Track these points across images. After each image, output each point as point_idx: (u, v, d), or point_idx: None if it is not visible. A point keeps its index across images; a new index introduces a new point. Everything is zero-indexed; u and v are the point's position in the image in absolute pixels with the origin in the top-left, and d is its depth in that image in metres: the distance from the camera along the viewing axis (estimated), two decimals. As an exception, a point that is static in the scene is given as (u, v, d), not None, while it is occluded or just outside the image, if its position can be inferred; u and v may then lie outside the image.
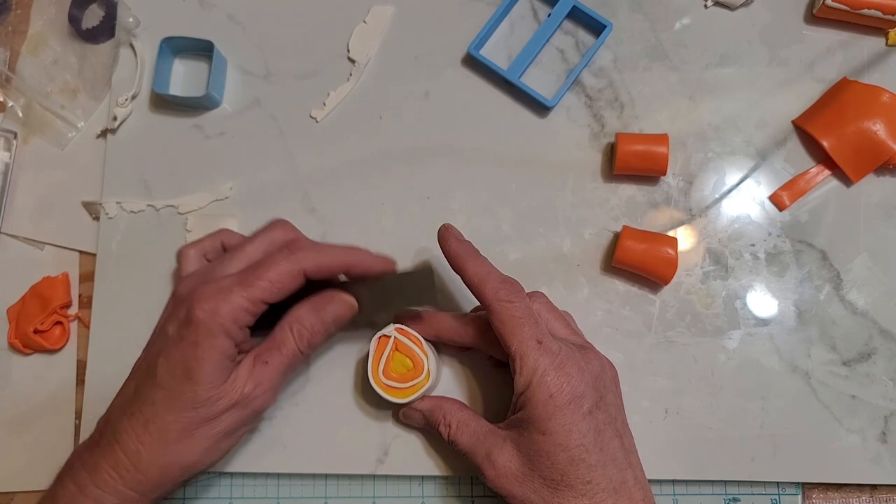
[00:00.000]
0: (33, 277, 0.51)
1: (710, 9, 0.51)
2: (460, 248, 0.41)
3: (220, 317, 0.37)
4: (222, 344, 0.38)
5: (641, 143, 0.46)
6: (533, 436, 0.37)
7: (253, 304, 0.38)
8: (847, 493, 0.46)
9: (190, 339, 0.37)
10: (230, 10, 0.53)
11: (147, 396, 0.38)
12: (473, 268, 0.40)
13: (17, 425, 0.49)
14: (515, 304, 0.39)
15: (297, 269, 0.39)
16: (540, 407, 0.37)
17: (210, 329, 0.37)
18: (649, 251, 0.45)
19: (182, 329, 0.38)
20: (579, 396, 0.37)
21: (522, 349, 0.38)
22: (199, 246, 0.44)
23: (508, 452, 0.38)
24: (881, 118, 0.46)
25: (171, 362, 0.38)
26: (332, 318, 0.42)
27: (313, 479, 0.47)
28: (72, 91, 0.53)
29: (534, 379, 0.37)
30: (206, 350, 0.37)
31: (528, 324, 0.38)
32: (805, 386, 0.46)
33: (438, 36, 0.51)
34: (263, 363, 0.40)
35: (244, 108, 0.51)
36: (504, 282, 0.40)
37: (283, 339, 0.40)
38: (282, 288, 0.39)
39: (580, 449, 0.37)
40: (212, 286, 0.38)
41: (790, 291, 0.47)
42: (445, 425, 0.41)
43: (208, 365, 0.37)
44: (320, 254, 0.40)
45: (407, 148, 0.50)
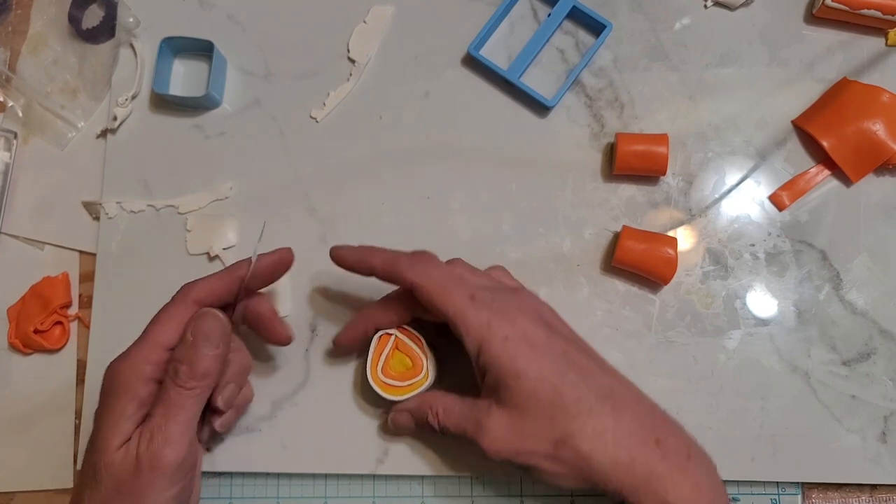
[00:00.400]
0: (33, 277, 0.51)
1: (710, 9, 0.51)
2: (355, 253, 0.42)
3: (120, 376, 0.38)
4: (122, 404, 0.37)
5: (641, 143, 0.46)
6: (509, 386, 0.37)
7: (151, 353, 0.38)
8: (847, 493, 0.46)
9: (100, 405, 0.38)
10: (230, 10, 0.53)
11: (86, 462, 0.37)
12: (380, 258, 0.41)
13: (17, 425, 0.49)
14: (433, 273, 0.39)
15: (186, 303, 0.39)
16: (501, 356, 0.37)
17: (114, 391, 0.37)
18: (649, 251, 0.45)
19: (100, 398, 0.38)
20: (531, 332, 0.38)
21: (459, 310, 0.38)
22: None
23: (496, 414, 0.38)
24: (881, 118, 0.46)
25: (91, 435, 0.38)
26: (200, 336, 0.38)
27: (313, 479, 0.47)
28: (72, 91, 0.53)
29: (483, 334, 0.37)
30: (105, 412, 0.37)
31: (454, 285, 0.39)
32: (805, 386, 0.46)
33: (438, 36, 0.51)
34: (150, 416, 0.37)
35: (244, 108, 0.51)
36: (414, 255, 0.40)
37: (164, 383, 0.37)
38: (175, 326, 0.38)
39: (555, 374, 0.37)
40: (117, 357, 0.39)
41: (790, 291, 0.47)
42: (433, 415, 0.41)
43: (107, 427, 0.37)
44: (206, 280, 0.40)
45: (407, 148, 0.50)
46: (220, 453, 0.46)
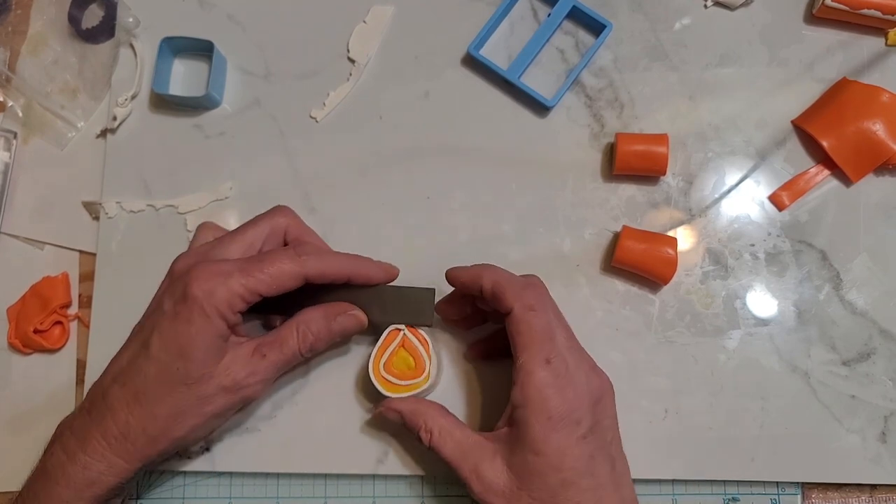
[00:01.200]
0: (33, 277, 0.51)
1: (710, 9, 0.51)
2: (471, 271, 0.41)
3: (216, 298, 0.37)
4: (216, 324, 0.38)
5: (641, 143, 0.46)
6: (526, 455, 0.37)
7: (249, 294, 0.38)
8: (847, 493, 0.46)
9: (184, 315, 0.38)
10: (230, 10, 0.53)
11: (140, 368, 0.38)
12: (490, 278, 0.40)
13: (17, 425, 0.49)
14: (537, 314, 0.38)
15: (300, 272, 0.39)
16: (537, 427, 0.37)
17: (204, 309, 0.37)
18: (649, 251, 0.45)
19: (178, 305, 0.38)
20: (576, 421, 0.37)
21: (530, 365, 0.37)
22: (221, 230, 0.45)
23: (498, 468, 0.38)
24: (881, 118, 0.46)
25: (164, 337, 0.38)
26: (340, 329, 0.42)
27: (313, 479, 0.47)
28: (72, 91, 0.53)
29: (536, 398, 0.37)
30: (199, 328, 0.38)
31: (543, 339, 0.38)
32: (805, 386, 0.46)
33: (438, 36, 0.51)
34: (262, 356, 0.40)
35: (244, 108, 0.51)
36: (527, 287, 0.39)
37: (287, 338, 0.41)
38: (280, 285, 0.39)
39: (572, 472, 0.36)
40: (212, 267, 0.38)
41: (790, 291, 0.47)
42: (426, 431, 0.40)
43: (201, 343, 0.38)
44: (324, 262, 0.40)
45: (407, 148, 0.50)
46: (220, 453, 0.46)
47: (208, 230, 0.44)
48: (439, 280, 0.46)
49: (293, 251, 0.40)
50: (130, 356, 0.39)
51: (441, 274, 0.47)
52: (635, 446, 0.45)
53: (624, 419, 0.46)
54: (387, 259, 0.48)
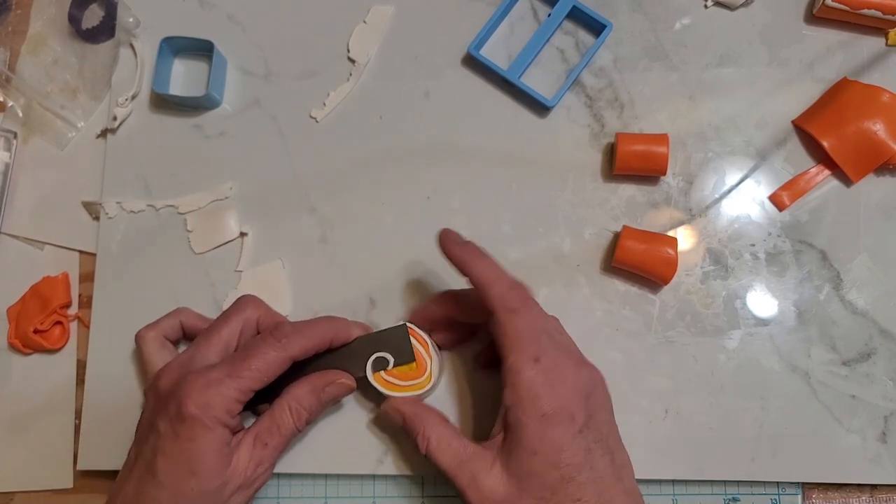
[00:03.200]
0: (33, 277, 0.51)
1: (710, 9, 0.51)
2: (463, 252, 0.41)
3: (214, 410, 0.38)
4: (219, 435, 0.38)
5: (641, 143, 0.46)
6: (523, 456, 0.37)
7: (243, 394, 0.39)
8: (847, 493, 0.46)
9: (186, 434, 0.37)
10: (230, 10, 0.53)
11: (151, 497, 0.38)
12: (479, 271, 0.40)
13: (17, 425, 0.49)
14: (520, 315, 0.38)
15: (285, 357, 0.40)
16: (531, 426, 0.37)
17: (205, 423, 0.37)
18: (649, 251, 0.45)
19: (176, 425, 0.38)
20: (570, 416, 0.37)
21: (518, 364, 0.37)
22: (157, 327, 0.45)
23: (496, 476, 0.38)
24: (881, 118, 0.46)
25: (170, 460, 0.38)
26: (329, 398, 0.43)
27: (313, 479, 0.47)
28: (72, 91, 0.53)
29: (526, 397, 0.37)
30: (204, 444, 0.38)
31: (528, 339, 0.38)
32: (805, 386, 0.46)
33: (438, 36, 0.51)
34: (263, 445, 0.40)
35: (244, 108, 0.51)
36: (512, 288, 0.39)
37: (282, 420, 0.41)
38: (270, 375, 0.40)
39: (570, 468, 0.36)
40: (200, 379, 0.38)
41: (790, 291, 0.47)
42: (424, 437, 0.40)
43: (210, 457, 0.38)
44: (305, 338, 0.41)
45: (407, 148, 0.50)
46: (220, 453, 0.46)
47: (250, 304, 0.44)
48: (440, 279, 0.47)
49: (272, 338, 0.40)
50: (136, 487, 0.38)
51: (441, 274, 0.47)
52: (635, 446, 0.45)
53: (624, 419, 0.46)
54: (387, 259, 0.48)
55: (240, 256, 0.49)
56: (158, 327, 0.45)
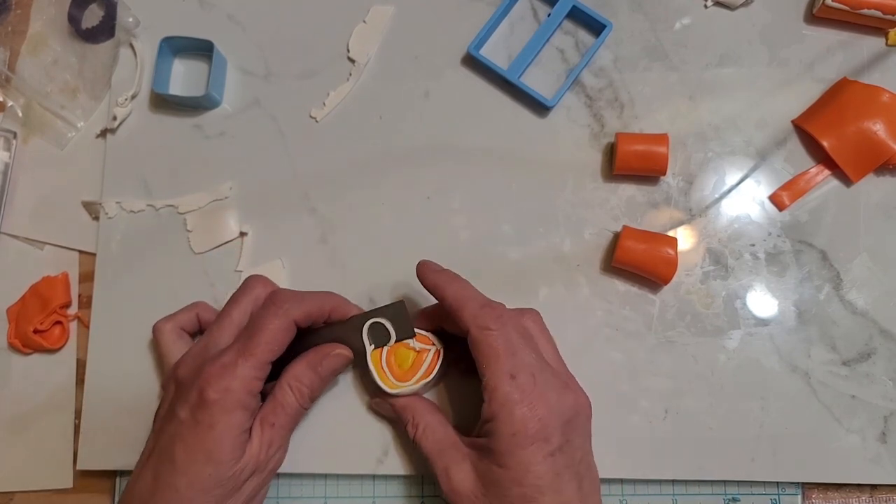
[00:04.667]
0: (33, 277, 0.51)
1: (710, 9, 0.51)
2: (438, 278, 0.41)
3: (234, 393, 0.38)
4: (239, 419, 0.38)
5: (641, 143, 0.46)
6: (491, 465, 0.37)
7: (259, 371, 0.39)
8: (847, 493, 0.46)
9: (206, 421, 0.38)
10: (230, 10, 0.53)
11: (170, 484, 0.38)
12: (452, 293, 0.40)
13: (17, 425, 0.49)
14: (494, 333, 0.38)
15: (288, 322, 0.40)
16: (502, 441, 0.37)
17: (225, 407, 0.38)
18: (649, 251, 0.45)
19: (196, 412, 0.38)
20: (544, 439, 0.37)
21: (494, 381, 0.38)
22: (175, 320, 0.45)
23: (465, 472, 0.39)
24: (881, 118, 0.46)
25: (189, 447, 0.38)
26: (328, 372, 0.43)
27: (313, 479, 0.47)
28: (72, 91, 0.53)
29: (500, 413, 0.37)
30: (224, 429, 0.38)
31: (504, 355, 0.38)
32: (805, 386, 0.46)
33: (438, 36, 0.51)
34: (270, 425, 0.41)
35: (244, 108, 0.51)
36: (484, 307, 0.39)
37: (285, 399, 0.41)
38: (280, 345, 0.40)
39: (533, 488, 0.36)
40: (216, 365, 0.39)
41: (790, 291, 0.47)
42: (413, 426, 0.42)
43: (228, 443, 0.38)
44: (304, 302, 0.41)
45: (407, 148, 0.50)
46: (220, 453, 0.46)
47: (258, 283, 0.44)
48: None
49: (273, 306, 0.40)
50: (154, 474, 0.39)
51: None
52: (635, 446, 0.45)
53: (624, 419, 0.46)
54: (387, 259, 0.48)
55: (240, 256, 0.49)
56: (176, 319, 0.45)
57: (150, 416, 0.47)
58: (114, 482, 0.48)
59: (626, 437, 0.46)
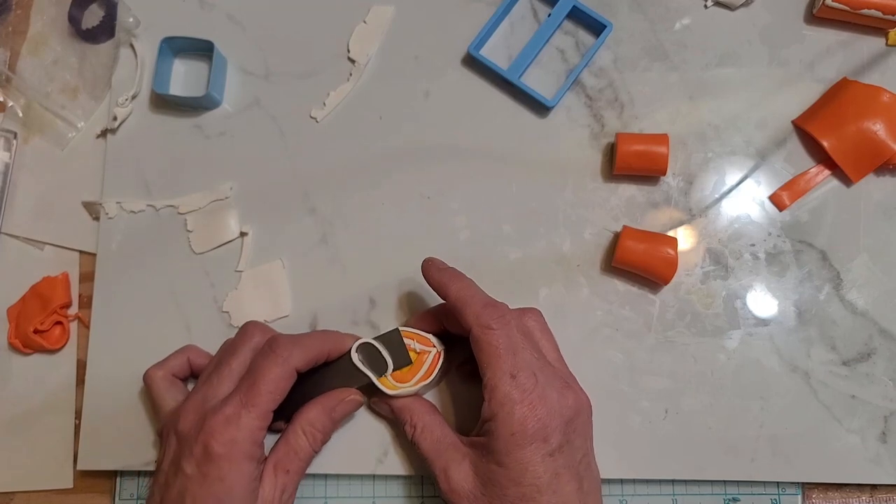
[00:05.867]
0: (33, 277, 0.51)
1: (710, 9, 0.51)
2: (442, 276, 0.41)
3: (240, 444, 0.38)
4: (247, 470, 0.38)
5: (641, 143, 0.46)
6: (490, 465, 0.38)
7: (263, 419, 0.39)
8: (847, 493, 0.46)
9: (214, 475, 0.37)
10: (230, 10, 0.53)
11: None
12: (455, 291, 0.40)
13: (17, 425, 0.49)
14: (496, 332, 0.38)
15: (290, 370, 0.40)
16: (501, 441, 0.37)
17: (233, 460, 0.38)
18: (649, 251, 0.45)
19: (202, 466, 0.38)
20: (543, 438, 0.37)
21: (495, 380, 0.38)
22: (166, 366, 0.45)
23: (465, 472, 0.39)
24: (881, 118, 0.46)
25: (199, 501, 0.38)
26: (341, 416, 0.43)
27: (313, 479, 0.47)
28: (72, 91, 0.53)
29: (500, 412, 0.37)
30: (233, 481, 0.38)
31: (505, 355, 0.38)
32: (805, 386, 0.46)
33: (438, 36, 0.51)
34: (285, 472, 0.41)
35: (244, 108, 0.51)
36: (487, 306, 0.39)
37: (298, 444, 0.41)
38: (282, 393, 0.40)
39: (532, 488, 0.36)
40: (219, 417, 0.38)
41: (790, 291, 0.47)
42: (411, 426, 0.42)
43: (239, 494, 0.38)
44: (304, 348, 0.41)
45: (407, 148, 0.50)
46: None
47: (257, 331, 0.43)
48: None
49: (273, 354, 0.40)
50: None
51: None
52: (635, 446, 0.45)
53: (624, 419, 0.46)
54: (387, 259, 0.48)
55: (240, 256, 0.49)
56: (167, 366, 0.45)
57: (150, 417, 0.47)
58: (114, 482, 0.48)
59: (626, 437, 0.46)
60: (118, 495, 0.48)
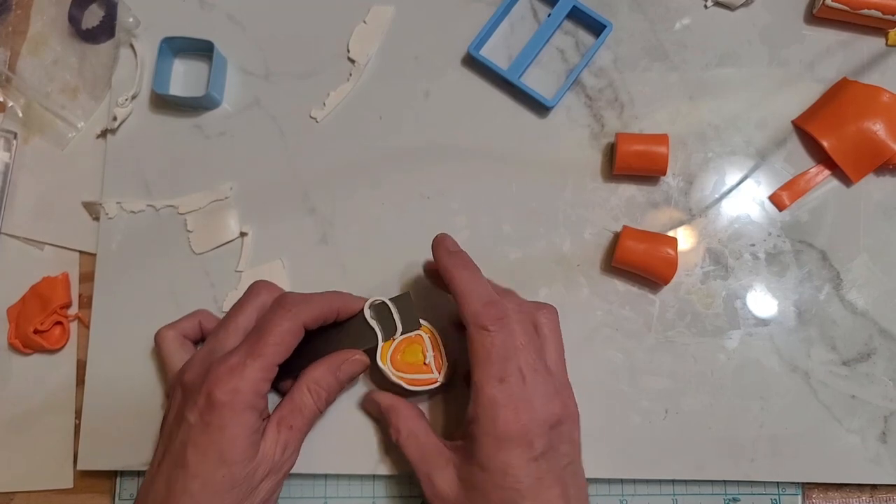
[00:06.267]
0: (33, 277, 0.51)
1: (710, 9, 0.51)
2: (449, 261, 0.41)
3: (242, 394, 0.38)
4: (249, 419, 0.38)
5: (641, 143, 0.46)
6: (473, 468, 0.37)
7: (267, 372, 0.39)
8: (847, 493, 0.46)
9: (216, 423, 0.38)
10: (230, 10, 0.53)
11: (184, 489, 0.38)
12: (459, 282, 0.40)
13: (17, 425, 0.49)
14: (490, 335, 0.38)
15: (298, 325, 0.40)
16: (484, 443, 0.37)
17: (235, 409, 0.38)
18: (649, 251, 0.45)
19: (205, 415, 0.38)
20: (526, 443, 0.37)
21: (481, 382, 0.37)
22: (178, 327, 0.45)
23: (448, 477, 0.39)
24: (881, 118, 0.46)
25: (201, 450, 0.38)
26: (347, 376, 0.43)
27: (313, 479, 0.47)
28: (72, 91, 0.53)
29: (483, 415, 0.37)
30: (235, 430, 0.38)
31: (496, 359, 0.38)
32: (805, 386, 0.46)
33: (438, 36, 0.51)
34: (288, 427, 0.41)
35: (244, 108, 0.51)
36: (487, 304, 0.39)
37: (303, 402, 0.41)
38: (288, 347, 0.40)
39: (514, 492, 0.36)
40: (223, 367, 0.39)
41: (790, 291, 0.47)
42: (395, 429, 0.42)
43: (240, 444, 0.38)
44: (313, 304, 0.41)
45: (407, 148, 0.50)
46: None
47: (264, 289, 0.44)
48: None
49: (281, 309, 0.40)
50: (166, 480, 0.38)
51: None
52: (635, 446, 0.45)
53: (624, 419, 0.46)
54: (387, 259, 0.48)
55: (240, 256, 0.49)
56: (178, 326, 0.45)
57: (150, 417, 0.47)
58: (114, 482, 0.48)
59: (626, 437, 0.46)
60: (118, 495, 0.48)
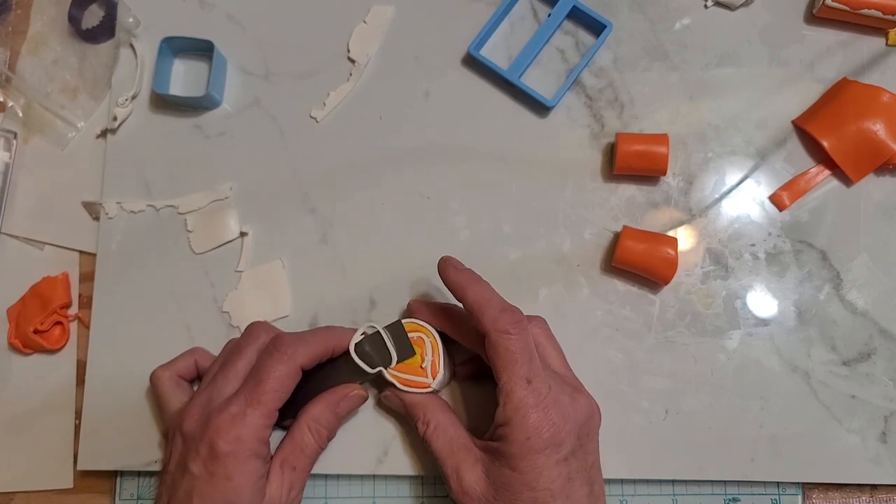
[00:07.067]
0: (33, 277, 0.51)
1: (710, 9, 0.51)
2: (459, 277, 0.41)
3: (245, 442, 0.38)
4: (254, 467, 0.38)
5: (641, 143, 0.46)
6: (503, 469, 0.38)
7: (268, 419, 0.39)
8: (847, 493, 0.46)
9: (221, 473, 0.38)
10: (230, 10, 0.53)
11: None
12: (473, 294, 0.40)
13: (17, 425, 0.49)
14: (513, 337, 0.38)
15: (295, 368, 0.40)
16: (515, 445, 0.37)
17: (239, 458, 0.38)
18: (649, 251, 0.45)
19: (209, 465, 0.38)
20: (557, 444, 0.37)
21: (510, 385, 0.38)
22: (173, 367, 0.45)
23: (477, 474, 0.39)
24: (881, 118, 0.46)
25: (207, 500, 0.38)
26: (346, 411, 0.43)
27: (313, 479, 0.47)
28: (72, 91, 0.53)
29: (515, 417, 0.37)
30: (240, 479, 0.38)
31: (522, 360, 0.38)
32: (805, 386, 0.46)
33: (438, 36, 0.51)
34: (292, 469, 0.41)
35: (244, 108, 0.51)
36: (504, 311, 0.39)
37: (304, 441, 0.41)
38: (287, 391, 0.40)
39: (546, 492, 0.37)
40: (224, 415, 0.38)
41: (790, 291, 0.47)
42: (424, 423, 0.42)
43: (247, 492, 0.38)
44: (308, 345, 0.41)
45: (407, 148, 0.50)
46: (220, 453, 0.46)
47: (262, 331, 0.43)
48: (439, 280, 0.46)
49: (277, 352, 0.40)
50: None
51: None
52: (635, 446, 0.45)
53: (624, 419, 0.46)
54: (387, 259, 0.48)
55: (240, 256, 0.49)
56: (173, 367, 0.45)
57: (150, 417, 0.47)
58: (114, 482, 0.48)
59: (626, 437, 0.46)
60: (118, 495, 0.48)
